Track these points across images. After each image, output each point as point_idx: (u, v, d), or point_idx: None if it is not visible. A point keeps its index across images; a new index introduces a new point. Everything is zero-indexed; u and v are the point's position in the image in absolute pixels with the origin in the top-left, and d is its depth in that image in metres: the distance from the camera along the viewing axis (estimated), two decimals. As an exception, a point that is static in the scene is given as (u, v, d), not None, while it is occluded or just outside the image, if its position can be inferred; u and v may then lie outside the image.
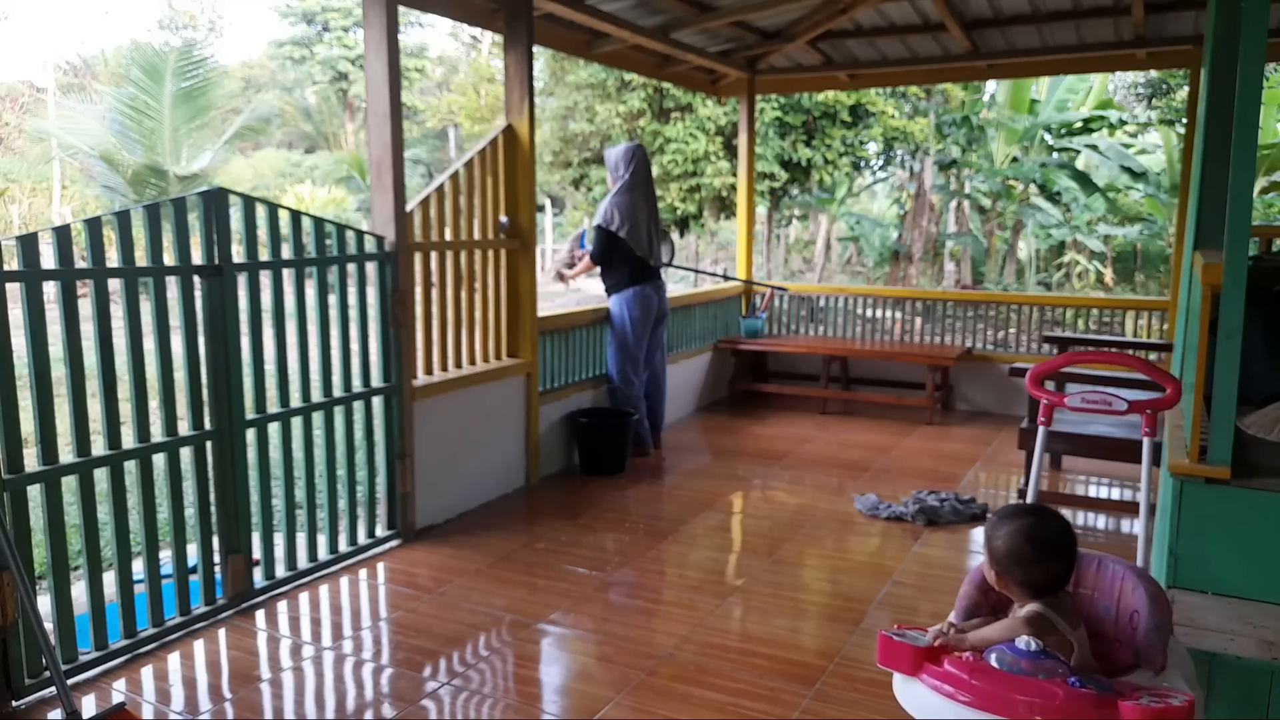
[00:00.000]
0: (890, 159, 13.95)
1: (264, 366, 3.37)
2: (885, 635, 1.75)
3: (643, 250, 5.23)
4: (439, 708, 2.66)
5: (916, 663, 1.70)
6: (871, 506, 4.41)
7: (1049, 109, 14.72)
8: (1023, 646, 1.66)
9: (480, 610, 3.31)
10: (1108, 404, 2.13)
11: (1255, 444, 2.40)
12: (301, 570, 3.57)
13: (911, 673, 1.70)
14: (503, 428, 4.65)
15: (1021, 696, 1.56)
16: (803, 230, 22.25)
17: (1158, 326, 6.42)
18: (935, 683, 1.66)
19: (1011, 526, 1.81)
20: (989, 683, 1.61)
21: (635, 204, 5.20)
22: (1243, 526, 2.24)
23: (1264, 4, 2.14)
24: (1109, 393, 2.12)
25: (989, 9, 5.62)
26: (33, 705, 2.65)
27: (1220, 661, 1.97)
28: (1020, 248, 16.98)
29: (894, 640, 1.73)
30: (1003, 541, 1.81)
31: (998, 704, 1.58)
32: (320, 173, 23.23)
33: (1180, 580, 2.31)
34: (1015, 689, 1.58)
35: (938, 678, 1.66)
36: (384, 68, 3.72)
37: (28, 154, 19.32)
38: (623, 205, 5.17)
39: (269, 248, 3.40)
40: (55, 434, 2.73)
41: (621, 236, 5.15)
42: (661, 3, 5.14)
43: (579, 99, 12.78)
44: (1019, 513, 1.85)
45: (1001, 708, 1.57)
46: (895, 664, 1.73)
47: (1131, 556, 3.94)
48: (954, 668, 1.65)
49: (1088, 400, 2.12)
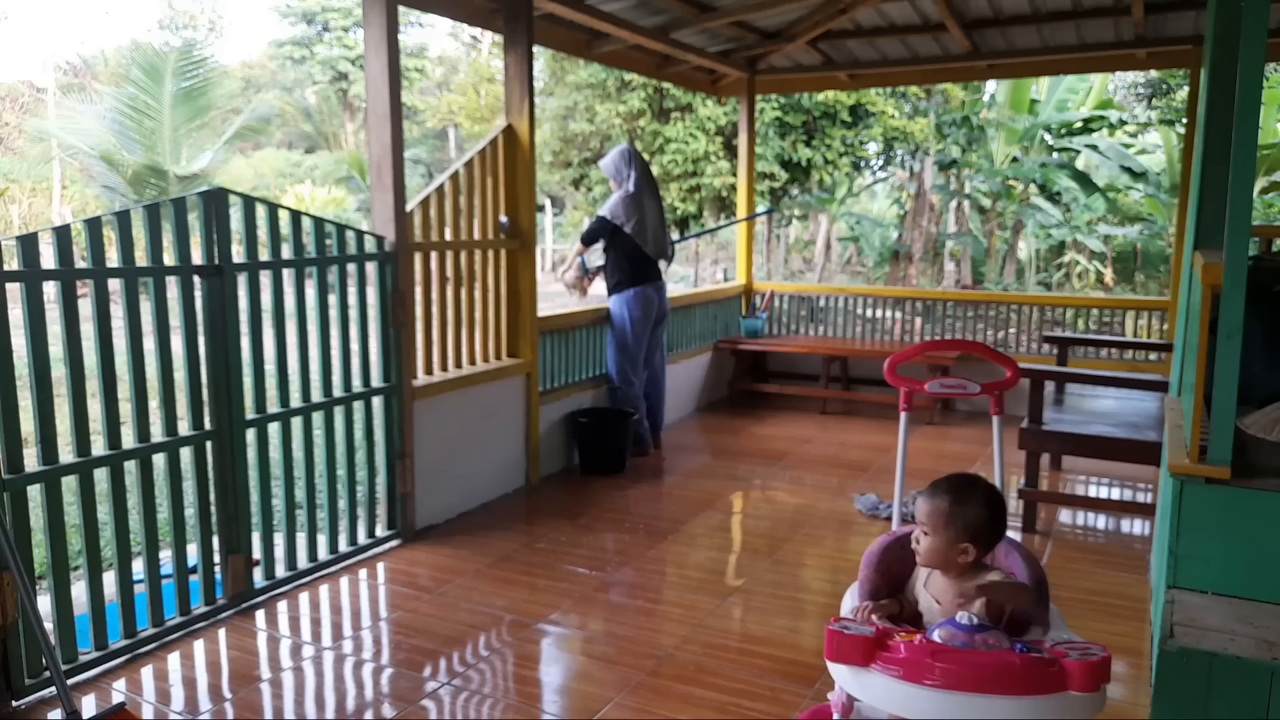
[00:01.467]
0: (890, 159, 13.95)
1: (264, 366, 3.37)
2: (833, 630, 1.76)
3: (650, 248, 5.26)
4: (439, 708, 2.66)
5: (869, 653, 1.72)
6: (871, 507, 4.41)
7: (1049, 109, 14.72)
8: (965, 622, 1.73)
9: (480, 610, 3.31)
10: (963, 388, 2.30)
11: (1255, 444, 2.40)
12: (301, 570, 3.57)
13: (865, 663, 1.71)
14: (503, 428, 4.65)
15: (985, 670, 1.62)
16: (803, 230, 22.26)
17: (1158, 326, 6.42)
18: (895, 670, 1.68)
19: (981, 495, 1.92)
20: (951, 662, 1.64)
21: (643, 202, 5.23)
22: (1243, 526, 2.24)
23: (1264, 4, 2.14)
24: (963, 379, 2.31)
25: (989, 9, 5.62)
26: (33, 705, 2.65)
27: (1220, 661, 1.97)
28: (1020, 248, 16.98)
29: (845, 634, 1.74)
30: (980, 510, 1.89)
31: (964, 681, 1.61)
32: (320, 173, 23.23)
33: (1180, 580, 2.31)
34: (976, 664, 1.64)
35: (898, 664, 1.68)
36: (384, 68, 3.72)
37: (28, 154, 19.32)
38: (630, 202, 5.19)
39: (269, 248, 3.40)
40: (55, 434, 2.73)
41: (627, 231, 5.17)
42: (661, 3, 5.14)
43: (579, 99, 12.79)
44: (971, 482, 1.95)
45: (968, 684, 1.61)
46: (848, 658, 1.73)
47: (1131, 556, 3.92)
48: (911, 653, 1.67)
49: (945, 385, 2.28)
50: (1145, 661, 2.91)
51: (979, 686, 1.62)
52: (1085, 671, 1.62)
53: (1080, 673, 1.63)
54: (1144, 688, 2.74)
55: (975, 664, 1.64)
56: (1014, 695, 1.61)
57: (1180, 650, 2.00)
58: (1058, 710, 1.63)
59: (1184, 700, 2.01)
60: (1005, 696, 1.61)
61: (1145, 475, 4.95)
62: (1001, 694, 1.61)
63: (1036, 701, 1.61)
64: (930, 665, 1.64)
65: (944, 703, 1.62)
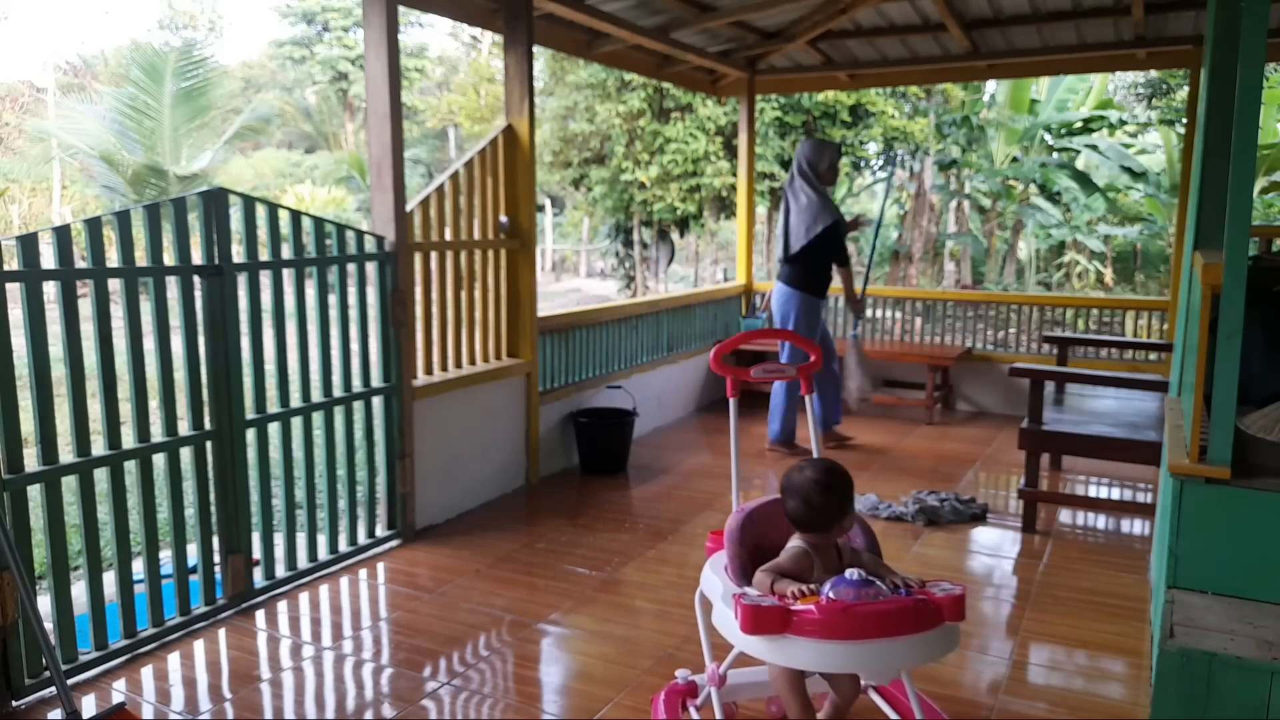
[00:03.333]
0: (890, 159, 13.95)
1: (264, 366, 3.37)
2: (749, 604, 1.87)
3: (778, 250, 5.43)
4: (439, 708, 2.66)
5: (785, 620, 1.86)
6: (871, 506, 4.41)
7: (1049, 109, 14.73)
8: (854, 578, 1.91)
9: (480, 610, 3.31)
10: (782, 371, 2.54)
11: (1255, 444, 2.40)
12: (301, 570, 3.57)
13: (781, 631, 1.85)
14: (503, 428, 4.65)
15: (889, 617, 1.83)
16: (803, 230, 22.22)
17: (1158, 326, 6.42)
18: (814, 630, 1.83)
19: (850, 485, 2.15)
20: (860, 615, 1.83)
21: (784, 203, 5.39)
22: (1243, 526, 2.24)
23: (1264, 4, 2.14)
24: (782, 365, 2.53)
25: (989, 9, 5.62)
26: (33, 705, 2.65)
27: (1220, 661, 1.97)
28: (1020, 248, 16.98)
29: (762, 606, 1.87)
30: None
31: (872, 629, 1.82)
32: (320, 173, 23.25)
33: (1180, 580, 2.31)
34: (880, 613, 1.83)
35: (815, 625, 1.84)
36: (384, 68, 3.72)
37: (28, 154, 19.33)
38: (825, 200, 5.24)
39: (269, 248, 3.40)
40: (55, 434, 2.73)
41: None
42: (661, 3, 5.14)
43: (579, 99, 12.76)
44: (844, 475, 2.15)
45: (875, 631, 1.82)
46: (767, 628, 1.86)
47: (1131, 556, 3.93)
48: (825, 614, 1.84)
49: (767, 370, 2.47)
50: (1145, 661, 2.92)
51: (884, 632, 1.83)
52: (954, 604, 1.89)
53: (950, 605, 1.89)
54: (1144, 688, 2.75)
55: (879, 613, 1.83)
56: (912, 634, 1.84)
57: (1180, 650, 2.01)
58: (943, 641, 1.88)
59: (1184, 700, 2.02)
60: (906, 636, 1.84)
61: (1145, 475, 4.95)
62: (903, 635, 1.84)
63: (928, 636, 1.86)
64: (844, 621, 1.82)
65: (858, 652, 1.83)
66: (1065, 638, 3.10)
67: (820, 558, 2.09)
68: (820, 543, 2.10)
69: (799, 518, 2.11)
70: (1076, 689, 2.78)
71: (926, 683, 2.78)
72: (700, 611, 2.40)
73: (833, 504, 2.07)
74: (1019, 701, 2.68)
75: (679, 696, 2.49)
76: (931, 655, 1.90)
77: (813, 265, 5.30)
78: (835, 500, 2.08)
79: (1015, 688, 2.77)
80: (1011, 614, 3.33)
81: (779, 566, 2.08)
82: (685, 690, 2.51)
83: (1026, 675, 2.87)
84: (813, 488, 2.08)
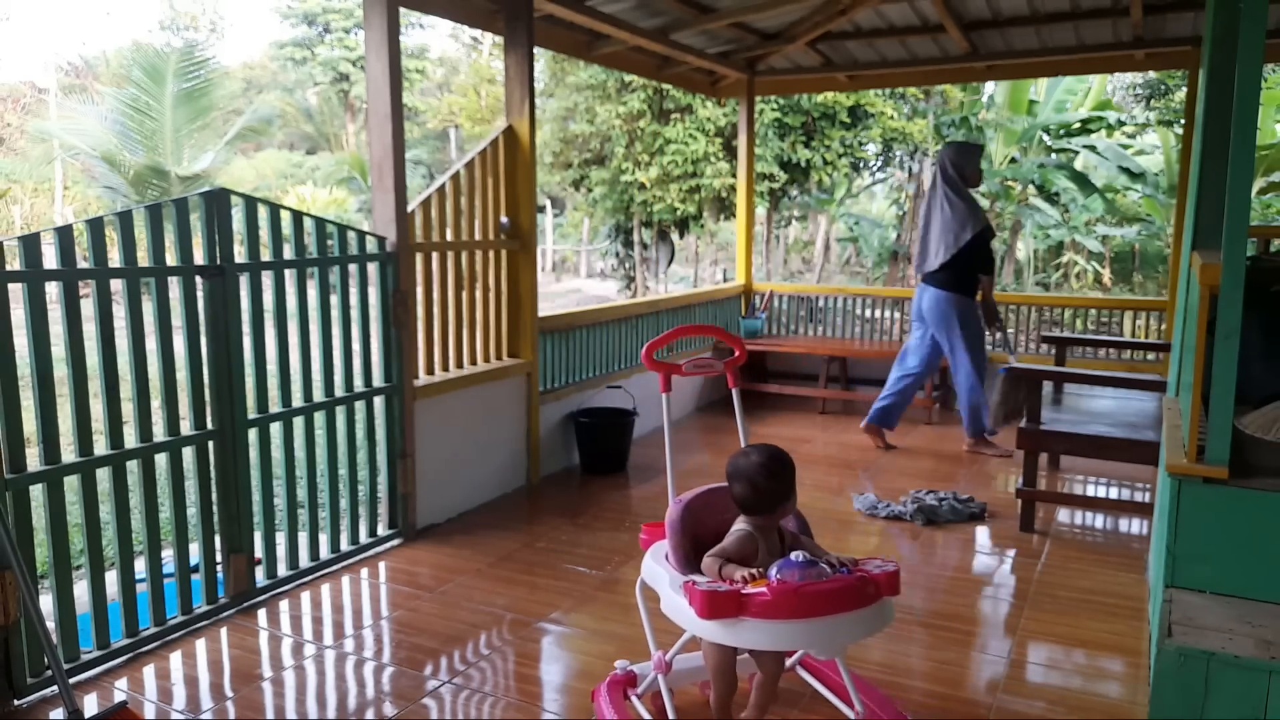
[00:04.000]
0: (889, 160, 13.96)
1: (266, 366, 3.38)
2: (703, 590, 1.96)
3: (915, 258, 5.38)
4: (440, 706, 2.67)
5: (741, 604, 1.95)
6: (870, 506, 4.42)
7: (1047, 110, 14.75)
8: (799, 559, 2.02)
9: (481, 609, 3.32)
10: (711, 366, 2.62)
11: (1253, 444, 2.41)
12: (303, 569, 3.58)
13: (737, 614, 1.94)
14: (503, 427, 4.66)
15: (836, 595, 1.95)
16: (802, 231, 22.27)
17: (1155, 326, 6.44)
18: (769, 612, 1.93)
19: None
20: (810, 595, 1.94)
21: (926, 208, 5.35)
22: (1240, 526, 2.25)
23: (1262, 5, 2.15)
24: (709, 360, 2.62)
25: (988, 10, 5.63)
26: (34, 704, 2.66)
27: (1218, 660, 1.98)
28: (1019, 248, 17.00)
29: (718, 592, 1.96)
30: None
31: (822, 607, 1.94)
32: (322, 174, 23.26)
33: (1178, 580, 2.32)
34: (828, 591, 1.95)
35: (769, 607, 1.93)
36: (385, 69, 3.73)
37: (30, 154, 19.34)
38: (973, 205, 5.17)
39: (271, 248, 3.41)
40: (58, 433, 2.74)
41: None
42: (661, 4, 5.15)
43: (579, 100, 12.77)
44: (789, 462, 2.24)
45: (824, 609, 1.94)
46: (723, 612, 1.95)
47: (1129, 555, 3.93)
48: (778, 596, 1.94)
49: (697, 365, 2.58)
50: (1143, 661, 2.93)
51: (831, 609, 1.95)
52: (890, 580, 2.03)
53: (887, 581, 2.02)
54: (1142, 687, 2.76)
55: (826, 592, 1.95)
56: (856, 610, 1.97)
57: (1178, 649, 2.01)
58: (882, 615, 2.02)
59: (1182, 699, 2.02)
60: (850, 612, 1.96)
61: (1143, 475, 4.97)
62: (847, 611, 1.96)
63: (869, 610, 1.99)
64: (795, 601, 1.93)
65: (808, 629, 1.95)
66: (1063, 637, 3.11)
67: (764, 540, 2.19)
68: (764, 525, 2.21)
69: (746, 501, 2.20)
70: (1075, 688, 2.78)
71: (924, 680, 2.80)
72: (642, 601, 2.50)
73: (777, 488, 2.18)
74: (1018, 700, 2.69)
75: (620, 687, 2.56)
76: (873, 629, 2.03)
77: (961, 269, 5.18)
78: (780, 485, 2.18)
79: (1014, 686, 2.78)
80: (1010, 613, 3.34)
81: (726, 551, 2.17)
82: (625, 680, 2.58)
83: (1025, 674, 2.88)
84: (759, 472, 2.17)
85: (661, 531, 2.43)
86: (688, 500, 2.37)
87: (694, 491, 2.40)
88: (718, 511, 2.34)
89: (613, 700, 2.50)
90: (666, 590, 2.22)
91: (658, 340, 2.60)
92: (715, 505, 2.37)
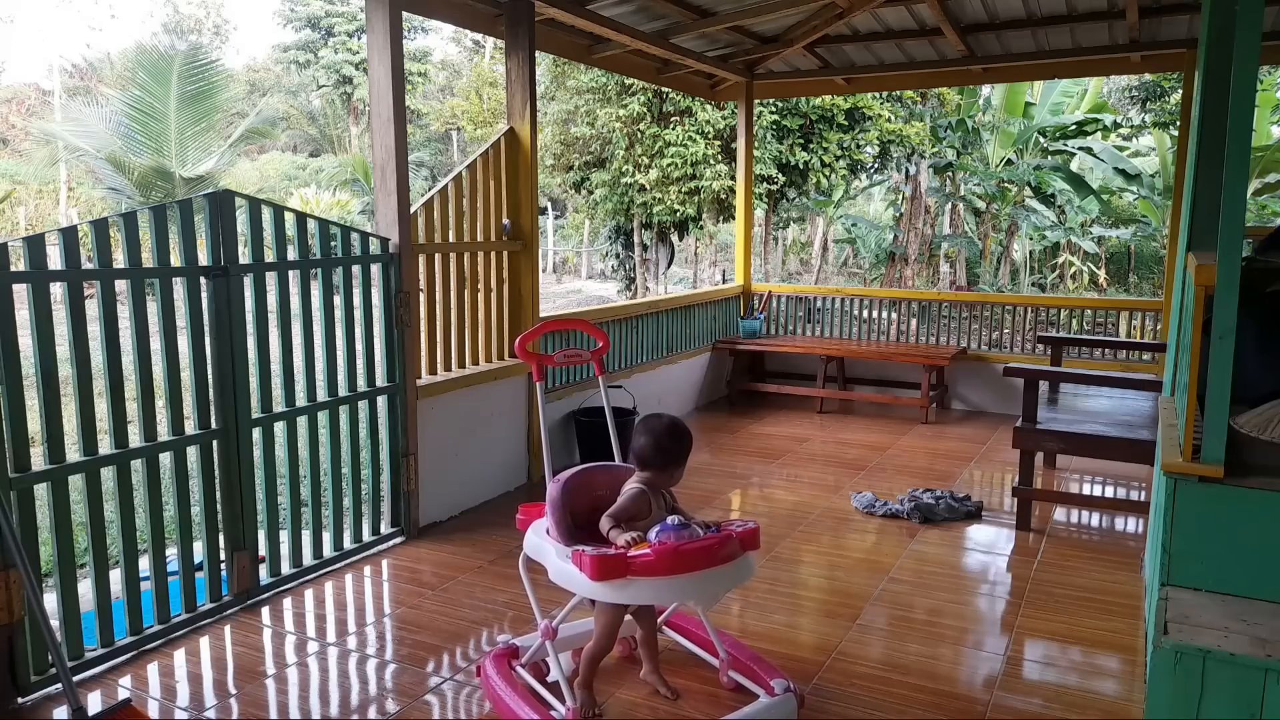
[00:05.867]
0: (886, 162, 13.98)
1: (269, 366, 3.40)
2: (592, 555, 2.17)
3: None
4: (442, 703, 2.69)
5: (627, 565, 2.18)
6: (868, 504, 4.44)
7: (1043, 112, 14.79)
8: (674, 523, 2.29)
9: (482, 606, 3.33)
10: (579, 356, 2.85)
11: (1248, 443, 2.43)
12: (306, 567, 3.60)
13: (624, 575, 2.18)
14: (505, 427, 4.68)
15: (710, 552, 2.23)
16: (800, 232, 22.29)
17: (1151, 327, 6.47)
18: (655, 570, 2.18)
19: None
20: (690, 553, 2.21)
21: None
22: (1236, 525, 2.26)
23: (1258, 7, 2.17)
24: (578, 350, 2.87)
25: (984, 13, 5.66)
26: (39, 702, 2.68)
27: (1214, 658, 1.99)
28: (1015, 249, 17.04)
29: (607, 555, 2.18)
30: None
31: (699, 562, 2.22)
32: (325, 176, 23.24)
33: (1174, 578, 2.33)
34: (704, 549, 2.22)
35: (654, 566, 2.18)
36: (388, 72, 3.75)
37: (34, 156, 19.32)
38: None
39: (274, 250, 3.42)
40: (62, 433, 2.76)
41: None
42: (661, 8, 5.18)
43: (580, 103, 12.77)
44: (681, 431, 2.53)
45: (701, 564, 2.22)
46: (613, 574, 2.17)
47: (1125, 554, 3.95)
48: (662, 555, 2.19)
49: (566, 355, 2.82)
50: (1139, 658, 2.95)
51: (707, 564, 2.24)
52: (751, 536, 2.34)
53: (748, 537, 2.33)
54: (1138, 684, 2.78)
55: (701, 549, 2.23)
56: (724, 564, 2.27)
57: (1174, 647, 2.03)
58: (745, 568, 2.34)
59: (1178, 697, 2.03)
60: (720, 566, 2.26)
61: (1139, 474, 5.00)
62: (719, 565, 2.25)
63: (736, 564, 2.30)
64: (675, 559, 2.20)
65: (688, 583, 2.24)
66: (1060, 634, 3.13)
67: (654, 499, 2.46)
68: (655, 482, 2.48)
69: (645, 453, 2.47)
70: (1071, 685, 2.81)
71: (921, 677, 2.82)
72: (525, 575, 2.71)
73: (674, 448, 2.47)
74: (1014, 697, 2.72)
75: (504, 659, 2.70)
76: (740, 579, 2.37)
77: None
78: (678, 446, 2.48)
79: (1010, 684, 2.80)
80: (1006, 611, 3.36)
81: (623, 511, 2.42)
82: (508, 653, 2.74)
83: (1021, 671, 2.90)
84: (666, 431, 2.48)
85: (538, 511, 2.64)
86: (566, 479, 2.55)
87: (569, 471, 2.59)
88: (592, 489, 2.58)
89: (499, 671, 2.64)
90: (554, 560, 2.39)
91: (528, 334, 2.81)
92: (589, 484, 2.59)
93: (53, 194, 19.37)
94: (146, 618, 3.05)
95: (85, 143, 14.32)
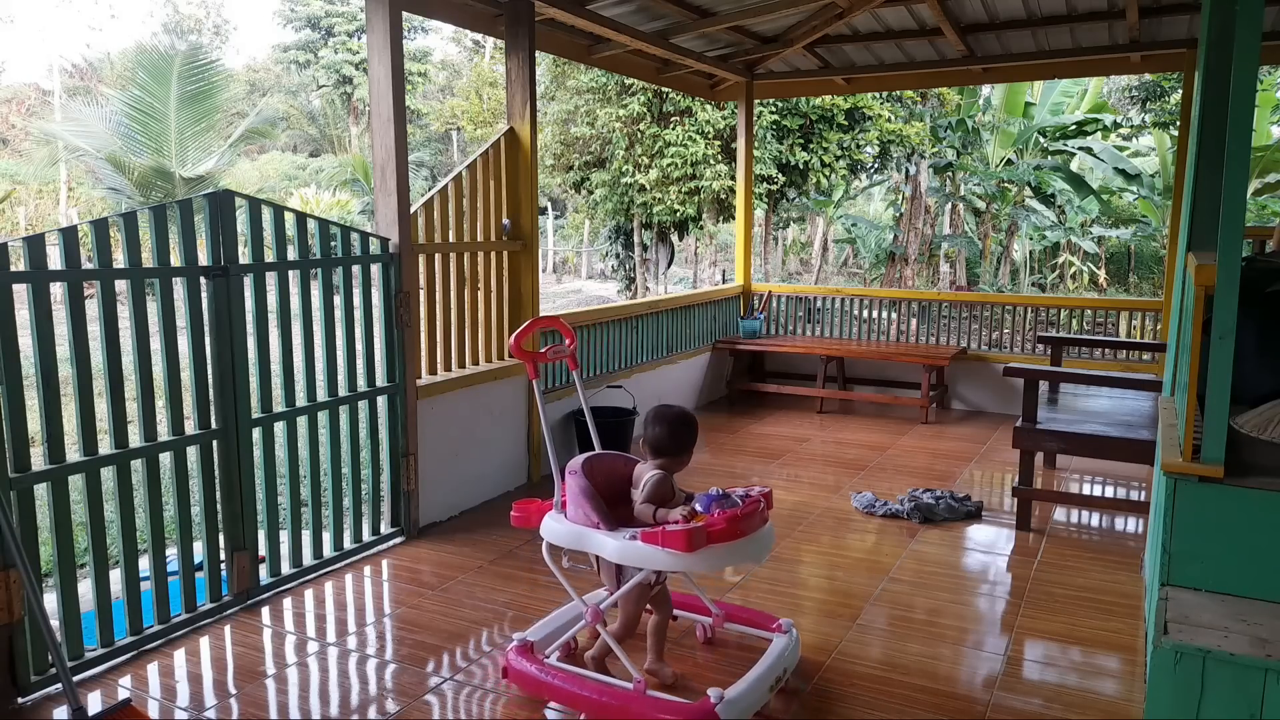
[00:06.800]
0: (886, 162, 13.99)
1: (269, 366, 3.40)
2: (683, 530, 2.34)
3: None
4: (442, 703, 2.69)
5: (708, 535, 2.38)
6: (868, 504, 4.44)
7: (1043, 112, 14.79)
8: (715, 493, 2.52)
9: (483, 606, 3.34)
10: (560, 352, 3.00)
11: (1248, 443, 2.43)
12: (306, 567, 3.60)
13: (706, 544, 2.36)
14: (505, 427, 4.68)
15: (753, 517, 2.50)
16: (800, 232, 22.30)
17: (1151, 327, 6.47)
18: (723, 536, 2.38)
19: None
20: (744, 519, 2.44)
21: None
22: (1236, 525, 2.27)
23: (1258, 7, 2.18)
24: (560, 347, 3.00)
25: (984, 13, 5.66)
26: (39, 702, 2.68)
27: (1214, 658, 1.99)
28: (1014, 249, 17.04)
29: (693, 528, 2.35)
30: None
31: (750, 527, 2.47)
32: (325, 176, 23.26)
33: (1174, 578, 2.33)
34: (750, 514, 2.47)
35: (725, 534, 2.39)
36: (388, 72, 3.75)
37: (34, 156, 19.33)
38: None
39: (274, 249, 3.42)
40: (62, 433, 2.76)
41: None
42: (661, 8, 5.18)
43: (580, 103, 12.78)
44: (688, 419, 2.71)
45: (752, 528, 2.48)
46: (700, 544, 2.35)
47: (1125, 553, 3.95)
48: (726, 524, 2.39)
49: (554, 351, 2.97)
50: (1139, 658, 2.95)
51: (760, 525, 2.54)
52: (769, 498, 2.64)
53: (769, 499, 2.65)
54: (1138, 684, 2.78)
55: (751, 514, 2.48)
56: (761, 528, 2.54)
57: (1174, 647, 2.03)
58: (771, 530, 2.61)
59: (1178, 697, 2.04)
60: (759, 530, 2.53)
61: (1139, 474, 5.00)
62: (758, 529, 2.52)
63: (767, 528, 2.58)
64: (739, 525, 2.43)
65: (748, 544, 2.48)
66: (1060, 634, 3.13)
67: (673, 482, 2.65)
68: (670, 467, 2.64)
69: (660, 440, 2.63)
70: (1071, 685, 2.81)
71: (921, 677, 2.82)
72: (552, 563, 2.77)
73: (686, 435, 2.66)
74: (1014, 697, 2.72)
75: (526, 655, 2.74)
76: (773, 538, 2.63)
77: None
78: (689, 433, 2.67)
79: (1010, 684, 2.80)
80: (1006, 611, 3.36)
81: (658, 495, 2.58)
82: (526, 650, 2.78)
83: (1021, 671, 2.90)
84: (678, 419, 2.67)
85: (534, 507, 2.78)
86: (580, 465, 2.66)
87: (577, 460, 2.70)
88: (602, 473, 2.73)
89: (533, 661, 2.70)
90: (612, 543, 2.50)
91: (520, 331, 2.92)
92: (602, 469, 2.75)
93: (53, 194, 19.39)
94: (146, 618, 3.05)
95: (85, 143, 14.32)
